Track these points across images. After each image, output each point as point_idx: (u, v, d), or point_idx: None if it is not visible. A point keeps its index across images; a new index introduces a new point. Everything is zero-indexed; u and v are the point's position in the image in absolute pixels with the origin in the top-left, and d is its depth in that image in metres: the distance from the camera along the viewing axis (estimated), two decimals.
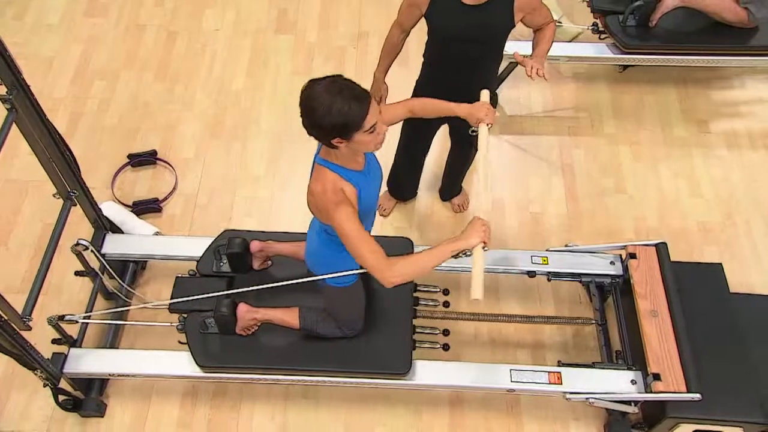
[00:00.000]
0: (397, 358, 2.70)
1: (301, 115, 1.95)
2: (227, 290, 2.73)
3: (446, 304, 3.06)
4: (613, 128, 3.92)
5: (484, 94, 2.50)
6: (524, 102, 4.05)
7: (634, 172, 3.75)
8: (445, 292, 3.07)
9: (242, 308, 2.69)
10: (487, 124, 2.38)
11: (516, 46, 3.76)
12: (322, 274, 2.42)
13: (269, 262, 2.95)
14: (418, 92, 2.94)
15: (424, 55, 2.85)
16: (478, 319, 3.02)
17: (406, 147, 3.25)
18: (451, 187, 3.57)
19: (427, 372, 2.75)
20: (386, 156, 3.11)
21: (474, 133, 2.43)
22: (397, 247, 2.91)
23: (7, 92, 2.20)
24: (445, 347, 2.94)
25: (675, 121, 3.95)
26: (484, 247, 2.09)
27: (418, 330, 2.86)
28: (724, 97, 4.06)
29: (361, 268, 2.19)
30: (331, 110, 1.88)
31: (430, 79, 2.87)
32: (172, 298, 2.79)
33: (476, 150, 2.75)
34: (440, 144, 3.42)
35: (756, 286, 3.33)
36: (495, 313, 3.06)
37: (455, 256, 2.11)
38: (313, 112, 1.90)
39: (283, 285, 2.50)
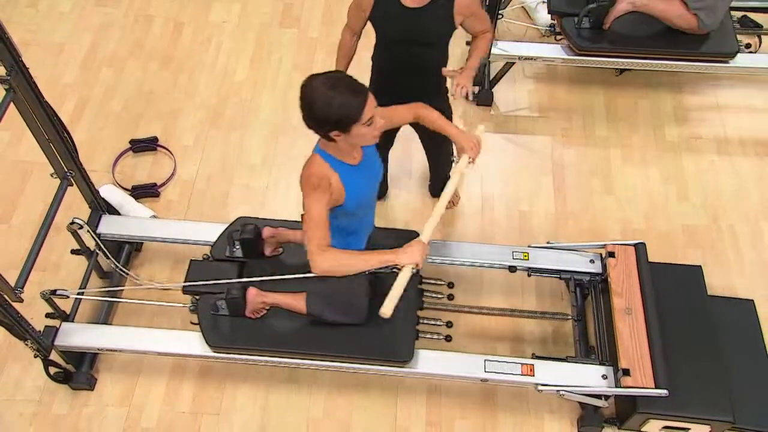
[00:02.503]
0: (401, 347, 2.77)
1: (301, 109, 2.03)
2: (239, 274, 2.86)
3: (450, 297, 3.14)
4: (605, 131, 3.98)
5: (480, 130, 2.51)
6: (520, 102, 4.11)
7: (623, 174, 3.80)
8: (450, 285, 3.16)
9: (252, 292, 2.78)
10: (469, 159, 2.40)
11: (513, 46, 3.88)
12: None
13: (280, 249, 3.03)
14: (370, 86, 3.00)
15: (372, 59, 2.90)
16: (454, 311, 3.10)
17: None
18: (440, 184, 3.61)
19: (432, 361, 2.83)
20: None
21: (454, 161, 2.44)
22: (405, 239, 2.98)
23: (6, 73, 2.31)
24: (448, 338, 3.03)
25: (667, 126, 4.00)
26: (414, 269, 2.16)
27: (422, 321, 2.93)
28: (717, 104, 4.10)
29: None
30: (331, 104, 1.96)
31: (380, 83, 2.91)
32: (186, 281, 2.90)
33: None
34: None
35: (737, 290, 3.37)
36: (472, 305, 3.14)
37: (383, 267, 2.21)
38: (312, 106, 1.99)
39: (286, 268, 2.61)
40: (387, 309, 2.13)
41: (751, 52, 3.92)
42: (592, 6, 3.68)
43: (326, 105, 1.97)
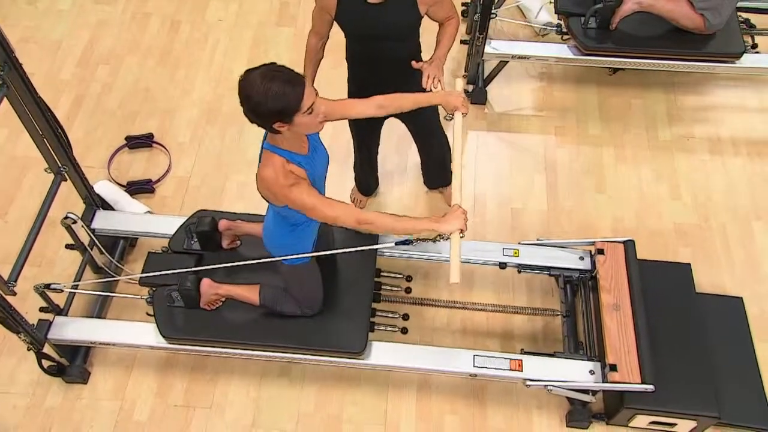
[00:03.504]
0: (354, 338, 2.81)
1: (241, 104, 2.04)
2: (196, 267, 2.86)
3: (408, 290, 3.19)
4: (598, 129, 4.00)
5: (459, 83, 2.58)
6: (513, 100, 4.14)
7: (616, 173, 3.83)
8: (408, 278, 3.21)
9: (205, 283, 2.81)
10: (463, 114, 2.45)
11: (507, 45, 3.90)
12: (276, 253, 2.54)
13: (238, 242, 3.06)
14: (353, 95, 3.02)
15: (346, 58, 2.93)
16: (444, 306, 3.13)
17: (360, 145, 3.35)
18: (442, 176, 3.61)
19: (386, 353, 2.87)
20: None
21: (449, 119, 2.49)
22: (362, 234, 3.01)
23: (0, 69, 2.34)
24: (403, 330, 3.07)
25: (661, 125, 4.02)
26: (461, 235, 2.21)
27: (378, 313, 2.97)
28: (711, 104, 4.12)
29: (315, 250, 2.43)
30: (268, 96, 1.97)
31: (357, 80, 2.95)
32: (143, 273, 2.94)
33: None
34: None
35: (727, 288, 3.39)
36: (463, 301, 3.17)
37: (433, 240, 2.28)
38: (250, 99, 2.00)
39: (242, 264, 2.65)
40: (455, 276, 2.19)
41: (757, 53, 3.92)
42: (598, 6, 3.70)
43: (264, 97, 1.97)
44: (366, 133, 3.29)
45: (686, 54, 3.78)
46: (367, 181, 3.60)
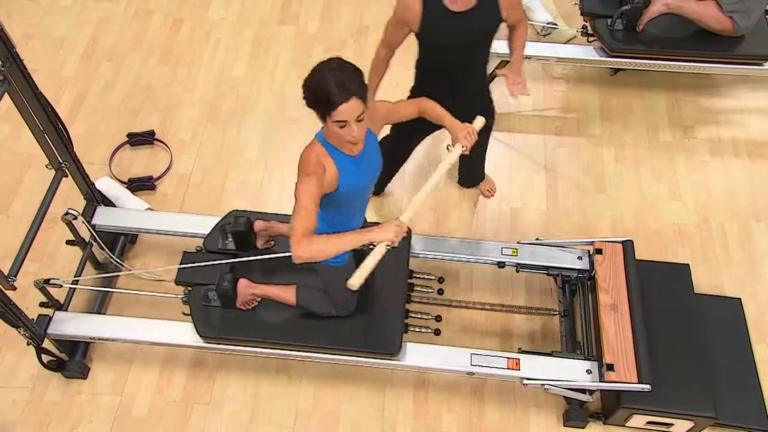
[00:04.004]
0: (389, 339, 2.81)
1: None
2: (230, 267, 2.89)
3: (440, 291, 3.19)
4: (599, 130, 4.01)
5: (479, 120, 2.51)
6: (514, 100, 4.14)
7: (616, 173, 3.83)
8: (440, 280, 3.21)
9: (242, 283, 2.81)
10: (462, 147, 2.39)
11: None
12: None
13: (272, 242, 3.07)
14: (413, 95, 3.01)
15: (416, 67, 2.91)
16: (447, 305, 3.13)
17: (394, 150, 3.28)
18: (474, 174, 3.64)
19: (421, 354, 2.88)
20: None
21: (449, 150, 2.41)
22: None
23: (1, 65, 2.35)
24: (437, 332, 3.06)
25: (661, 126, 4.03)
26: (388, 246, 2.17)
27: (411, 314, 2.97)
28: (712, 105, 4.13)
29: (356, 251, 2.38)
30: (315, 80, 2.00)
31: (426, 87, 2.91)
32: (178, 272, 2.95)
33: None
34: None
35: (725, 289, 3.40)
36: (461, 300, 3.18)
37: (364, 246, 2.22)
38: (308, 77, 2.03)
39: (277, 261, 2.62)
40: (356, 281, 2.15)
41: None
42: (626, 8, 3.69)
43: (314, 81, 2.00)
44: (410, 140, 3.27)
45: (714, 56, 3.77)
46: (382, 182, 3.59)
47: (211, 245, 3.05)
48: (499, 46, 3.83)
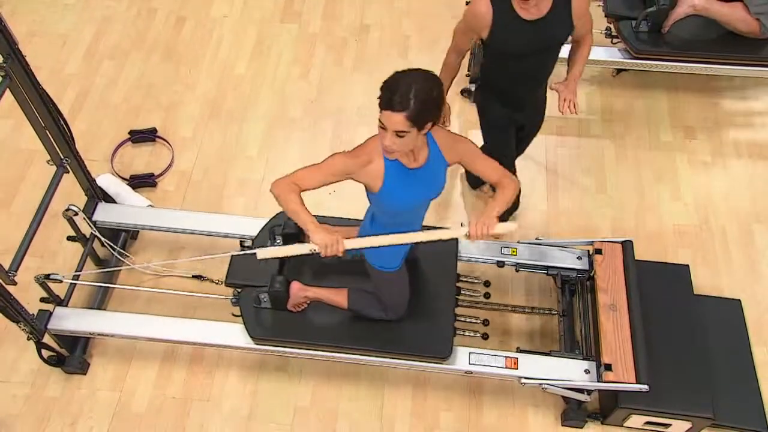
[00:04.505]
0: (439, 343, 2.81)
1: None
2: (280, 269, 2.91)
3: (487, 295, 3.17)
4: (600, 130, 4.00)
5: (507, 226, 2.30)
6: None
7: (616, 173, 3.83)
8: (486, 283, 3.19)
9: (295, 286, 2.82)
10: (466, 235, 2.24)
11: None
12: (370, 257, 2.59)
13: None
14: (481, 103, 3.02)
15: (480, 72, 2.90)
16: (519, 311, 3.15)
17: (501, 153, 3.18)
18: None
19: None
20: None
21: (461, 225, 2.32)
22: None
23: (2, 60, 2.36)
24: (485, 336, 3.06)
25: (662, 127, 4.02)
26: (312, 251, 2.21)
27: (458, 318, 2.96)
28: (713, 106, 4.12)
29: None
30: (388, 78, 2.00)
31: (494, 93, 2.91)
32: (228, 274, 2.96)
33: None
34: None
35: (725, 290, 3.39)
36: (460, 299, 3.17)
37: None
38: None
39: (328, 269, 2.64)
40: (262, 253, 2.25)
41: None
42: (651, 9, 3.67)
43: (387, 78, 2.00)
44: (505, 139, 3.21)
45: (741, 59, 3.74)
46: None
47: (260, 246, 3.01)
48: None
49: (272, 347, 2.89)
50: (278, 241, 2.98)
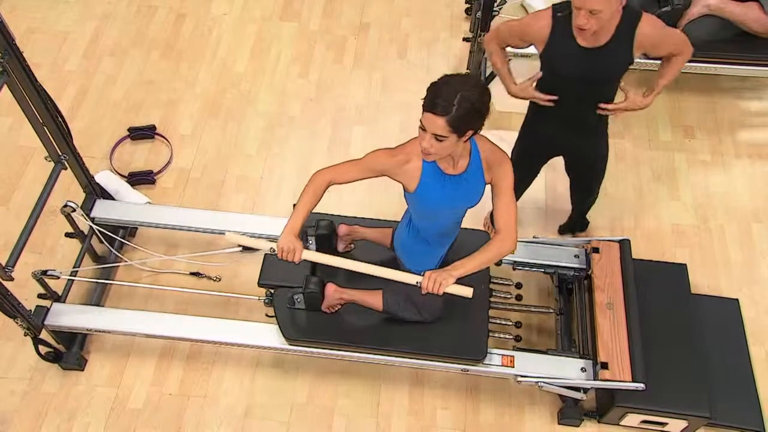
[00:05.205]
0: (474, 344, 2.81)
1: None
2: (313, 270, 2.90)
3: (519, 297, 3.15)
4: None
5: (462, 290, 2.25)
6: (514, 99, 4.12)
7: (615, 172, 3.82)
8: (518, 285, 3.17)
9: (330, 287, 2.80)
10: (417, 283, 2.26)
11: None
12: (402, 256, 2.60)
13: (353, 246, 3.04)
14: (528, 112, 2.98)
15: (537, 87, 2.83)
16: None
17: (520, 162, 3.16)
18: (575, 223, 3.55)
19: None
20: None
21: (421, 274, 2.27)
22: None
23: (0, 57, 2.37)
24: (518, 338, 3.04)
25: (662, 126, 4.02)
26: (270, 251, 2.29)
27: (491, 320, 2.94)
28: (713, 105, 4.12)
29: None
30: (435, 81, 2.01)
31: (542, 113, 2.83)
32: (261, 274, 2.95)
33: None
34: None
35: (723, 290, 3.39)
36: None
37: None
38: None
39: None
40: (231, 237, 2.37)
41: None
42: (665, 9, 3.62)
43: (435, 80, 2.01)
44: (532, 164, 3.22)
45: (756, 59, 3.70)
46: None
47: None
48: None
49: (305, 348, 2.88)
50: (310, 243, 2.96)
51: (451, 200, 2.33)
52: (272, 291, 2.93)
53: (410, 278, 2.30)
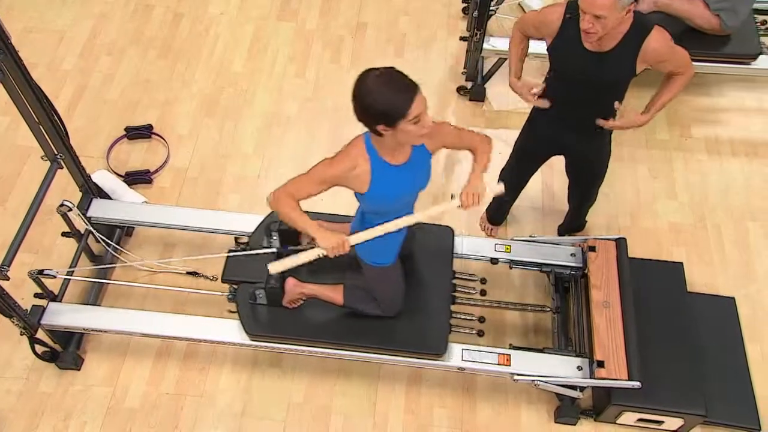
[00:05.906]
0: (434, 339, 2.82)
1: (352, 101, 2.06)
2: None
3: (483, 292, 3.16)
4: None
5: (495, 187, 2.39)
6: (512, 97, 4.07)
7: (612, 171, 3.76)
8: (483, 281, 3.18)
9: (290, 282, 2.83)
10: (459, 204, 2.31)
11: (506, 42, 3.89)
12: (360, 252, 2.58)
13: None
14: (534, 116, 2.99)
15: (545, 82, 2.85)
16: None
17: (514, 180, 3.25)
18: (571, 222, 3.55)
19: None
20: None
21: (452, 198, 2.35)
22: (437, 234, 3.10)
23: None
24: (480, 333, 3.05)
25: (658, 125, 4.02)
26: (321, 254, 2.26)
27: (454, 315, 2.96)
28: (709, 104, 4.12)
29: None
30: (378, 97, 1.99)
31: (547, 111, 2.83)
32: (224, 271, 2.96)
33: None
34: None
35: (719, 288, 3.39)
36: (456, 296, 3.18)
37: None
38: (362, 98, 2.02)
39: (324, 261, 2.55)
40: (275, 267, 2.34)
41: None
42: None
43: (374, 98, 1.99)
44: (529, 162, 3.22)
45: (702, 55, 3.70)
46: (500, 207, 3.51)
47: (255, 244, 3.01)
48: (498, 43, 3.86)
49: (268, 343, 2.90)
50: (274, 238, 2.97)
51: (404, 189, 2.36)
52: (235, 287, 2.94)
53: (451, 205, 2.32)
